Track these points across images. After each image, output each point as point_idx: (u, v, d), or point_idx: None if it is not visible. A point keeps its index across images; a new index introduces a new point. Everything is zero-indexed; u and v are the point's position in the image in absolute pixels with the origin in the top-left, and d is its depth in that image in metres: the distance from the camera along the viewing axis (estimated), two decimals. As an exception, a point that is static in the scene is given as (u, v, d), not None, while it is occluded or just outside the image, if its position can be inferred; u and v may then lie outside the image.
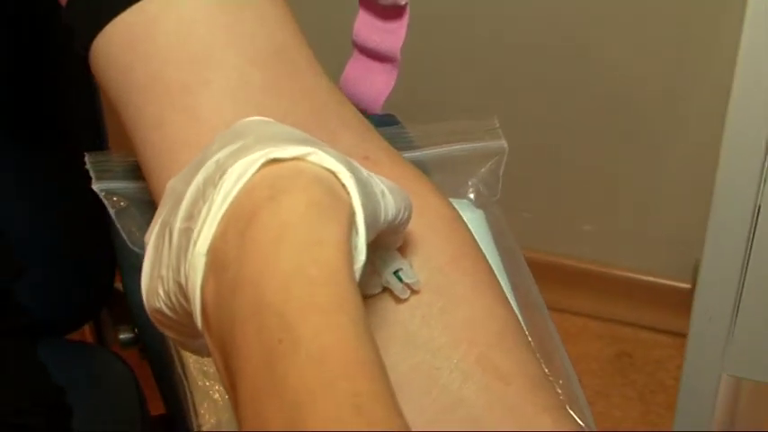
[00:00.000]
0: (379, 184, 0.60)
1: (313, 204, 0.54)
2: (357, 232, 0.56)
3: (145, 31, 0.68)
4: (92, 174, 0.76)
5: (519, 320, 0.70)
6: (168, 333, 0.61)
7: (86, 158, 0.76)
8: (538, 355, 0.73)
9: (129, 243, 0.74)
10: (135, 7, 0.68)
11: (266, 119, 0.62)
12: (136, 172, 0.75)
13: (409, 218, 0.63)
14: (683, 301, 1.07)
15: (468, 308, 0.67)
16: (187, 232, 0.55)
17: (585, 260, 1.82)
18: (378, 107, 0.91)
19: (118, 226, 0.74)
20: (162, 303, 0.58)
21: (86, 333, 1.44)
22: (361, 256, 0.56)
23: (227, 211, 0.54)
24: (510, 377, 0.65)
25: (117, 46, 0.69)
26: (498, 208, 0.80)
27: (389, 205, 0.60)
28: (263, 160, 0.55)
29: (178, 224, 0.56)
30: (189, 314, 0.56)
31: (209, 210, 0.55)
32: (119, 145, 0.78)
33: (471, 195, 0.81)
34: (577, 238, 1.82)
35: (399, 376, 0.64)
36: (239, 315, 0.52)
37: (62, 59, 1.07)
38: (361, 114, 0.73)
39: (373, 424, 0.48)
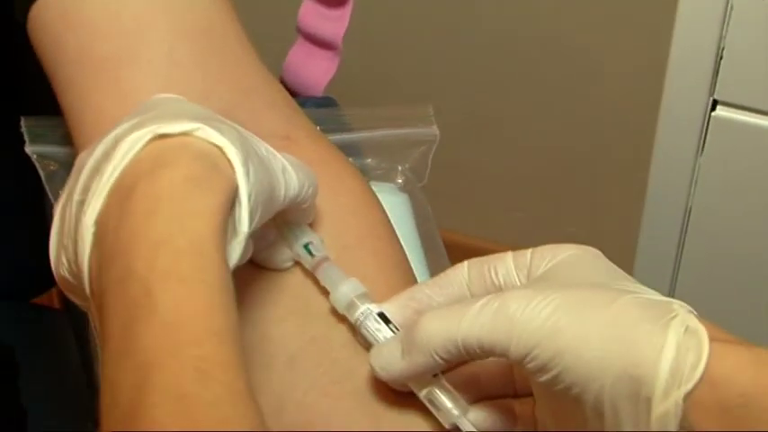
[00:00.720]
0: (281, 161, 0.62)
1: (190, 178, 0.55)
2: (240, 204, 0.57)
3: (77, 2, 0.70)
4: (26, 137, 0.77)
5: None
6: (74, 299, 0.62)
7: (22, 122, 0.78)
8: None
9: (54, 203, 0.76)
10: None
11: (177, 96, 0.63)
12: (69, 137, 0.76)
13: (314, 194, 0.65)
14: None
15: (370, 287, 0.68)
16: (82, 204, 0.57)
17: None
18: (318, 93, 0.93)
19: (47, 188, 0.76)
20: (66, 271, 0.60)
21: (54, 297, 1.45)
22: (242, 227, 0.57)
23: (113, 184, 0.56)
24: None
25: (51, 15, 0.70)
26: (423, 193, 0.82)
27: (291, 181, 0.62)
28: (150, 136, 0.56)
29: (76, 196, 0.58)
30: None
31: (99, 183, 0.57)
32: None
33: (399, 180, 0.83)
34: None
35: (295, 348, 0.66)
36: (111, 282, 0.54)
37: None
38: (288, 95, 0.75)
39: (213, 388, 0.50)
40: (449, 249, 0.82)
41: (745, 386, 0.53)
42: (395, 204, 0.80)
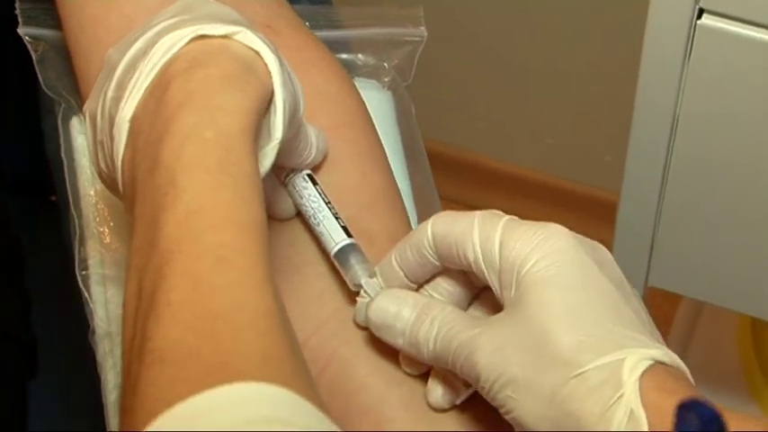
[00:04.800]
0: (298, 83, 0.62)
1: (226, 77, 0.56)
2: (275, 111, 0.58)
3: None
4: (19, 19, 0.79)
5: (396, 191, 0.73)
6: (115, 195, 0.63)
7: (17, 4, 0.79)
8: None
9: (43, 87, 0.78)
10: None
11: None
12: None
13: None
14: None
15: (343, 173, 0.70)
16: (117, 101, 0.59)
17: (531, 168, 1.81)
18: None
19: (37, 70, 0.78)
20: (104, 166, 0.62)
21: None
22: (277, 134, 0.58)
23: (152, 81, 0.57)
24: (374, 237, 0.69)
25: None
26: (407, 93, 0.83)
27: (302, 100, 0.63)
28: (192, 36, 0.58)
29: (110, 93, 0.59)
30: None
31: (137, 79, 0.58)
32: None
33: (386, 78, 0.84)
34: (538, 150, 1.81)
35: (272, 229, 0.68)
36: (141, 173, 0.55)
37: None
38: None
39: (229, 273, 0.51)
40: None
41: None
42: (378, 101, 0.81)
